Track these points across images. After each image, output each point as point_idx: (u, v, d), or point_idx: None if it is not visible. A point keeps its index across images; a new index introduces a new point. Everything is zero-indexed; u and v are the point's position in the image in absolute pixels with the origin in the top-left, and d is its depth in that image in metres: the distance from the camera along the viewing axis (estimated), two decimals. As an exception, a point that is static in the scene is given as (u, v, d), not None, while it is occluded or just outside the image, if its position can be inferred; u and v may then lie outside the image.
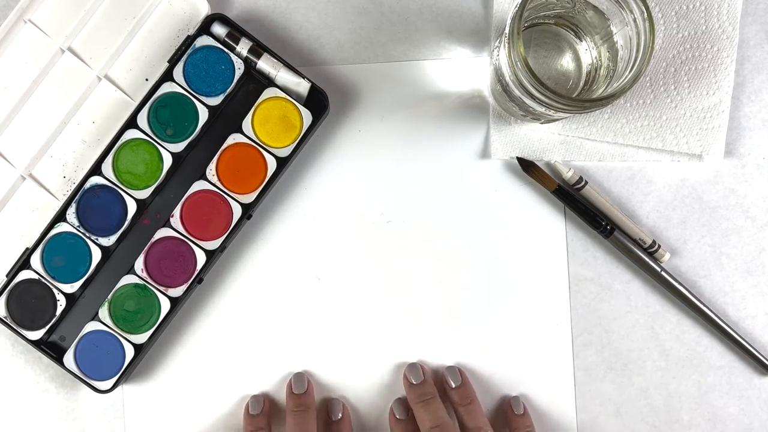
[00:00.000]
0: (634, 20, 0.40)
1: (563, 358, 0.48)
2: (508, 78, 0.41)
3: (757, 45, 0.48)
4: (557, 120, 0.46)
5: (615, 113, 0.47)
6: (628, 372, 0.48)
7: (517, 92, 0.41)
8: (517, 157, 0.47)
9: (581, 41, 0.45)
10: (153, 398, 0.48)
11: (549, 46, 0.46)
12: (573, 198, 0.47)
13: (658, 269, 0.47)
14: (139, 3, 0.46)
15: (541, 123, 0.47)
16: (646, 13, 0.39)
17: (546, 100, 0.39)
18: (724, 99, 0.47)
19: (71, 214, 0.45)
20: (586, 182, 0.47)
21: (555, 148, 0.48)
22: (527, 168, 0.47)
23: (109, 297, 0.45)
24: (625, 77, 0.40)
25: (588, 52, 0.45)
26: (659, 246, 0.47)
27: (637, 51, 0.39)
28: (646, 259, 0.47)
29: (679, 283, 0.47)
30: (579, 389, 0.48)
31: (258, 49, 0.46)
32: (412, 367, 0.47)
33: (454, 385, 0.46)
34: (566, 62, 0.46)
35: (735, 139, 0.48)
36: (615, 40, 0.42)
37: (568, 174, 0.47)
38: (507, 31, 0.39)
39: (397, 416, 0.46)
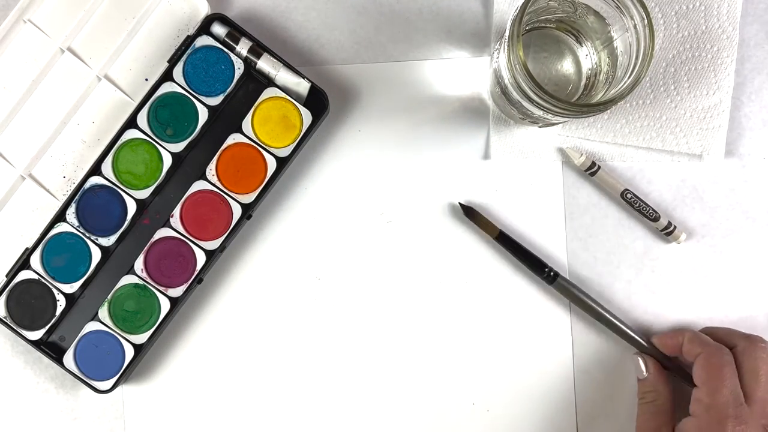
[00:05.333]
0: (635, 26, 0.40)
1: (563, 358, 0.48)
2: (507, 81, 0.41)
3: (757, 45, 0.48)
4: (556, 124, 0.46)
5: (615, 114, 0.47)
6: (628, 373, 0.48)
7: (516, 96, 0.41)
8: (459, 203, 0.47)
9: (582, 46, 0.45)
10: (153, 398, 0.48)
11: (549, 50, 0.46)
12: (516, 244, 0.47)
13: (609, 316, 0.47)
14: (138, 3, 0.46)
15: (540, 127, 0.47)
16: (646, 20, 0.39)
17: (545, 104, 0.39)
18: (724, 99, 0.47)
19: (71, 214, 0.45)
20: (599, 167, 0.47)
21: (555, 148, 0.48)
22: (469, 214, 0.47)
23: (109, 297, 0.45)
24: (624, 83, 0.40)
25: (588, 57, 0.45)
26: (675, 227, 0.47)
27: (637, 57, 0.39)
28: (591, 304, 0.47)
29: (629, 329, 0.47)
30: (579, 389, 0.48)
31: (258, 49, 0.46)
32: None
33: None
34: (566, 67, 0.46)
35: (735, 139, 0.48)
36: (615, 45, 0.42)
37: (580, 160, 0.46)
38: (507, 34, 0.39)
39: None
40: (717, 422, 0.41)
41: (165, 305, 0.46)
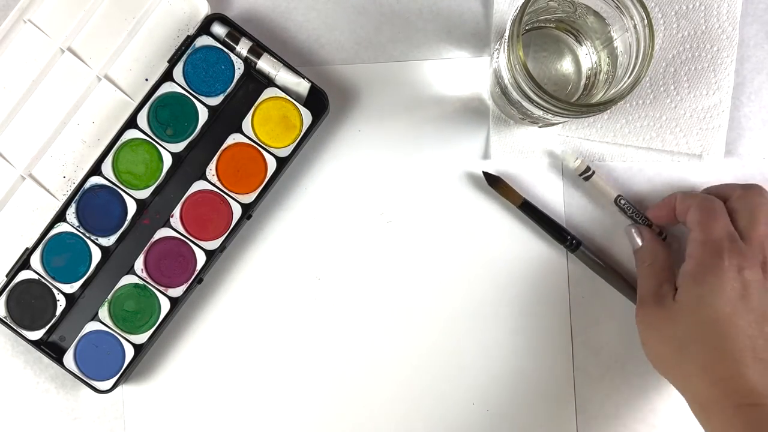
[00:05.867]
0: (635, 26, 0.40)
1: (563, 358, 0.48)
2: (507, 81, 0.41)
3: (757, 45, 0.48)
4: (555, 124, 0.46)
5: (615, 114, 0.47)
6: (628, 372, 0.48)
7: (516, 96, 0.41)
8: (483, 171, 0.47)
9: (581, 46, 0.45)
10: (153, 398, 0.48)
11: (549, 49, 0.46)
12: (539, 212, 0.47)
13: (625, 281, 0.47)
14: (138, 3, 0.46)
15: (539, 127, 0.47)
16: (646, 20, 0.39)
17: (544, 104, 0.39)
18: (724, 99, 0.47)
19: (71, 214, 0.45)
20: (594, 172, 0.46)
21: (555, 148, 0.48)
22: (493, 183, 0.47)
23: (109, 297, 0.45)
24: (624, 83, 0.40)
25: (588, 57, 0.45)
26: (666, 236, 0.47)
27: (637, 57, 0.40)
28: (614, 270, 0.47)
29: None
30: (579, 389, 0.48)
31: (258, 49, 0.46)
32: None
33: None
34: (566, 67, 0.46)
35: (735, 139, 0.48)
36: (615, 45, 0.42)
37: (575, 163, 0.46)
38: (507, 34, 0.39)
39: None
40: (712, 256, 0.41)
41: (165, 305, 0.46)
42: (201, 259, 0.46)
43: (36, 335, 0.45)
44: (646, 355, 0.44)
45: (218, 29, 0.46)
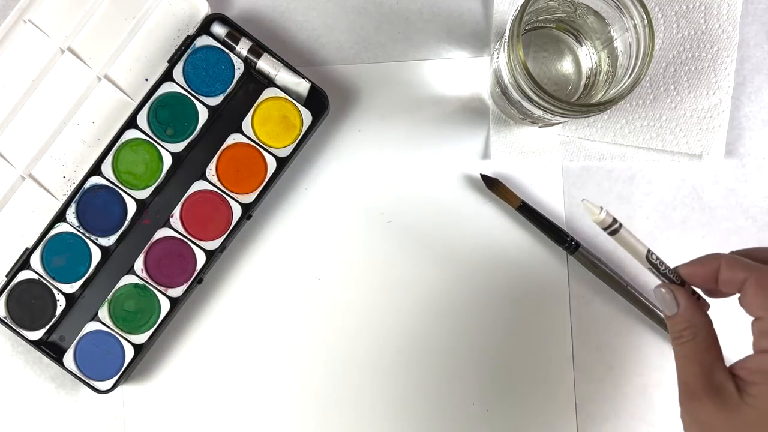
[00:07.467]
0: (635, 26, 0.40)
1: (563, 358, 0.48)
2: (507, 81, 0.41)
3: (757, 45, 0.48)
4: (555, 124, 0.46)
5: (615, 114, 0.47)
6: (628, 372, 0.48)
7: (515, 96, 0.41)
8: (481, 174, 0.47)
9: (581, 46, 0.45)
10: (153, 398, 0.48)
11: (549, 49, 0.46)
12: (537, 214, 0.47)
13: (625, 284, 0.47)
14: (139, 3, 0.46)
15: (540, 127, 0.47)
16: (646, 20, 0.39)
17: (545, 104, 0.39)
18: (724, 99, 0.47)
19: (71, 214, 0.45)
20: (621, 225, 0.37)
21: (555, 148, 0.48)
22: (491, 185, 0.47)
23: (109, 297, 0.45)
24: (624, 83, 0.40)
25: (588, 57, 0.45)
26: (699, 297, 0.38)
27: (637, 57, 0.40)
28: (612, 274, 0.47)
29: (647, 300, 0.47)
30: (579, 389, 0.48)
31: (258, 49, 0.46)
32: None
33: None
34: (566, 66, 0.46)
35: (735, 139, 0.48)
36: (615, 45, 0.42)
37: (600, 217, 0.36)
38: (507, 34, 0.39)
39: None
40: None
41: (165, 305, 0.46)
42: (201, 259, 0.46)
43: (36, 335, 0.45)
44: None
45: (218, 29, 0.46)
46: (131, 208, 0.46)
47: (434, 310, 0.48)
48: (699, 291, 0.38)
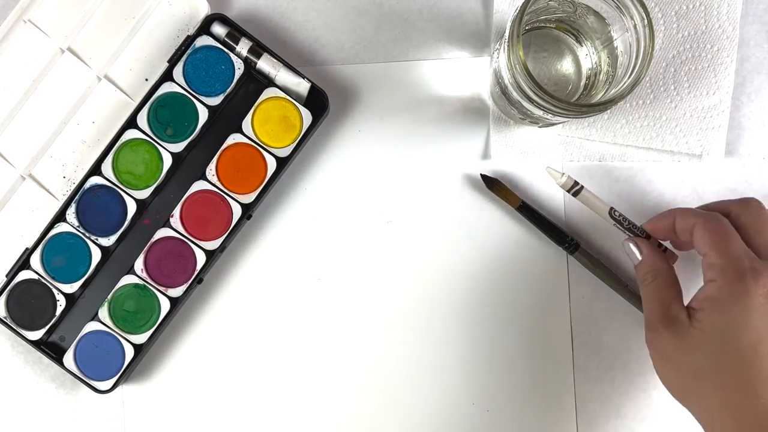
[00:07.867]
0: (635, 26, 0.40)
1: (563, 358, 0.48)
2: (507, 81, 0.41)
3: (757, 45, 0.48)
4: (555, 124, 0.46)
5: (615, 114, 0.47)
6: (628, 372, 0.48)
7: (515, 96, 0.41)
8: (481, 174, 0.47)
9: (581, 46, 0.45)
10: (153, 398, 0.48)
11: (549, 49, 0.46)
12: (537, 214, 0.47)
13: (625, 284, 0.47)
14: (139, 3, 0.46)
15: (540, 127, 0.47)
16: (646, 20, 0.39)
17: (545, 104, 0.39)
18: (724, 99, 0.47)
19: (71, 214, 0.45)
20: (582, 186, 0.44)
21: (555, 148, 0.48)
22: (491, 185, 0.47)
23: (109, 297, 0.46)
24: (624, 83, 0.40)
25: (588, 57, 0.45)
26: (666, 248, 0.45)
27: (637, 57, 0.40)
28: (612, 273, 0.47)
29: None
30: (579, 389, 0.48)
31: (258, 49, 0.46)
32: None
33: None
34: (566, 67, 0.46)
35: (735, 139, 0.48)
36: (615, 45, 0.42)
37: (562, 180, 0.43)
38: (507, 34, 0.39)
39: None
40: (736, 280, 0.37)
41: (165, 305, 0.46)
42: (201, 259, 0.46)
43: (36, 335, 0.45)
44: (661, 382, 0.41)
45: (218, 29, 0.46)
46: (131, 208, 0.46)
47: (434, 310, 0.48)
48: (669, 246, 0.45)
